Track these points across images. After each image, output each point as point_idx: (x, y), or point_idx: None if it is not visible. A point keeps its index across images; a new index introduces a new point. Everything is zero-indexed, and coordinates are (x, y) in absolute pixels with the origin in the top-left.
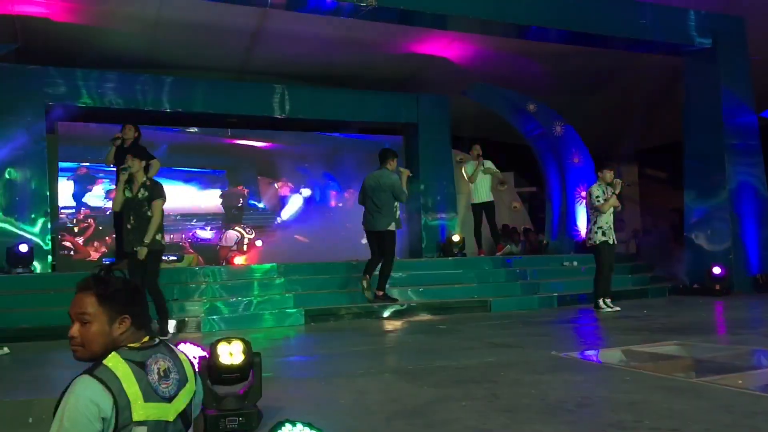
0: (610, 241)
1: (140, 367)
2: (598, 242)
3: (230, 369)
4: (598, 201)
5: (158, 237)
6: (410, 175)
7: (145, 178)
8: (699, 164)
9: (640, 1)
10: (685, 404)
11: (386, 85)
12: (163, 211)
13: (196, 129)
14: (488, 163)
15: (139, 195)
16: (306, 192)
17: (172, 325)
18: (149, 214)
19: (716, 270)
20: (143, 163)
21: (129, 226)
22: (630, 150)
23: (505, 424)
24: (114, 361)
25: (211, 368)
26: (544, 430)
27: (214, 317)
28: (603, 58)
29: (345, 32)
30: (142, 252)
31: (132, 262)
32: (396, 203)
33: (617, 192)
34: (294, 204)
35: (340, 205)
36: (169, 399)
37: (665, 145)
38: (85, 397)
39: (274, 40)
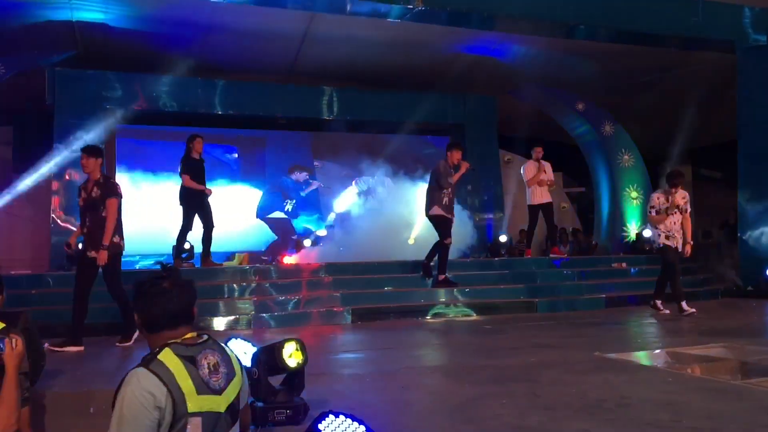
0: (673, 245)
1: (191, 362)
2: (662, 245)
3: (293, 369)
4: (650, 212)
5: (115, 239)
6: (469, 167)
7: (99, 176)
8: (754, 164)
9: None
10: (725, 405)
11: (433, 85)
12: (120, 210)
13: None
14: (548, 169)
15: (93, 194)
16: (354, 193)
17: (223, 321)
18: (104, 214)
19: None
20: (99, 160)
21: (85, 229)
22: (682, 149)
23: (543, 422)
24: (167, 357)
25: (272, 368)
26: (582, 427)
27: (264, 315)
28: (654, 56)
29: (392, 34)
30: (102, 256)
31: (80, 266)
32: (443, 191)
33: (670, 210)
34: (342, 204)
35: (388, 205)
36: (219, 392)
37: (720, 143)
38: (141, 387)
39: (322, 43)
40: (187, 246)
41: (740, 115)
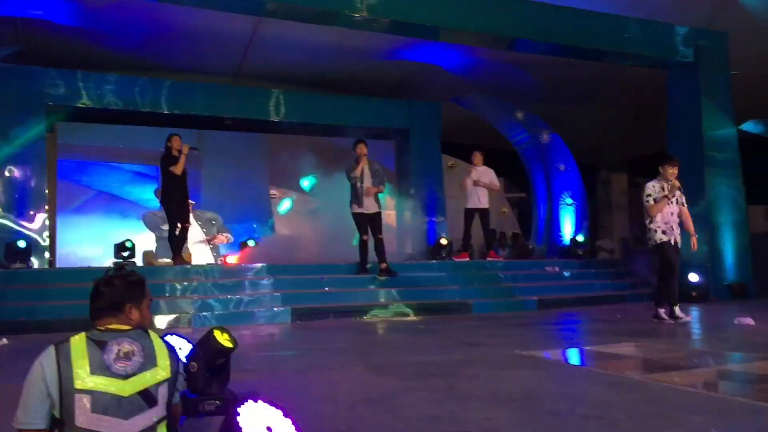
0: (672, 241)
1: (98, 346)
2: (658, 241)
3: (224, 352)
4: (648, 201)
5: None
6: None
7: None
8: (680, 174)
9: (624, 15)
10: (619, 397)
11: (379, 91)
12: None
13: None
14: (486, 174)
15: None
16: (297, 195)
17: (164, 320)
18: None
19: (693, 277)
20: None
21: None
22: (618, 159)
23: (454, 411)
24: (77, 338)
25: (208, 352)
26: (488, 416)
27: (206, 314)
28: (591, 69)
29: (338, 39)
30: None
31: None
32: (355, 187)
33: (671, 196)
34: (284, 207)
35: (330, 207)
36: (124, 377)
37: (655, 154)
38: (38, 360)
39: (269, 46)
40: (129, 245)
41: (669, 128)
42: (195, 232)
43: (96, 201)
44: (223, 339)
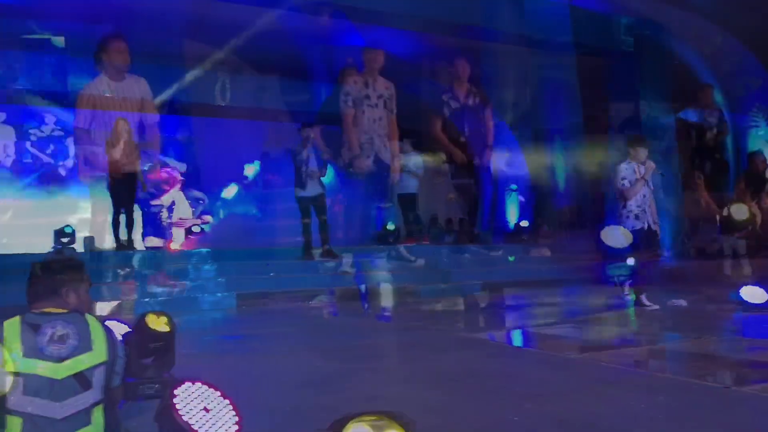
0: (646, 226)
1: (33, 329)
2: (631, 228)
3: (158, 336)
4: (623, 184)
5: None
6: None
7: None
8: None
9: (568, 4)
10: (550, 374)
11: (325, 74)
12: None
13: None
14: (412, 160)
15: None
16: (242, 179)
17: (107, 307)
18: None
19: (630, 261)
20: None
21: None
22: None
23: (395, 392)
24: (11, 321)
25: (139, 337)
26: (427, 395)
27: (149, 300)
28: (537, 56)
29: (288, 23)
30: None
31: None
32: (299, 169)
33: (647, 177)
34: (230, 191)
35: (277, 193)
36: (58, 359)
37: (597, 141)
38: None
39: (215, 28)
40: (68, 230)
41: (609, 116)
42: (182, 209)
43: (36, 185)
44: (157, 322)
